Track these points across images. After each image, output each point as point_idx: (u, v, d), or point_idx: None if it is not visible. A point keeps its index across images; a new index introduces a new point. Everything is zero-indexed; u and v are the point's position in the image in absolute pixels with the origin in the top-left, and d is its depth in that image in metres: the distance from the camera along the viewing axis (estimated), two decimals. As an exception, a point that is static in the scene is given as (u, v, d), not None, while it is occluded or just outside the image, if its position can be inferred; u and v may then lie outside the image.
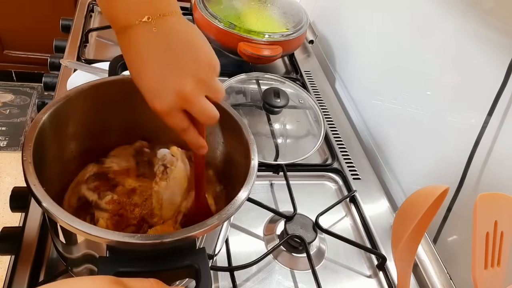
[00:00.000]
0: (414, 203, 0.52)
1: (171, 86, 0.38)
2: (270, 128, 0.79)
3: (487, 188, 0.61)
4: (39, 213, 0.56)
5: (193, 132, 0.42)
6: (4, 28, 1.79)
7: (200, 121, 0.41)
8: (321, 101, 0.93)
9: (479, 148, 0.61)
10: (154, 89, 0.38)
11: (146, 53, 0.38)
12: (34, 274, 0.50)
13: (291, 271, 0.60)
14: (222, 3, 0.94)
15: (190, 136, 0.42)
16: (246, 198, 0.42)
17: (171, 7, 0.39)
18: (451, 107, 0.69)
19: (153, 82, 0.38)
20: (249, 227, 0.64)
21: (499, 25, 0.60)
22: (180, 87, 0.38)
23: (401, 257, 0.53)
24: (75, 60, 0.85)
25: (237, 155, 0.50)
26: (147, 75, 0.38)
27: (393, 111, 0.84)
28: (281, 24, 0.92)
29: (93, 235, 0.35)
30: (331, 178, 0.76)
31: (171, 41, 0.38)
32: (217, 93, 0.41)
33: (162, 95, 0.38)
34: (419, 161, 0.77)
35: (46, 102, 0.74)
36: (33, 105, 1.93)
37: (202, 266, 0.37)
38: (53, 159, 0.47)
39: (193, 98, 0.39)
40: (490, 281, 0.48)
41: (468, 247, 0.48)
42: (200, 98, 0.39)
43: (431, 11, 0.73)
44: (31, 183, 0.37)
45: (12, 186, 0.59)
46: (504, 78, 0.57)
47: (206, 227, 0.38)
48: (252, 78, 0.86)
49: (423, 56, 0.76)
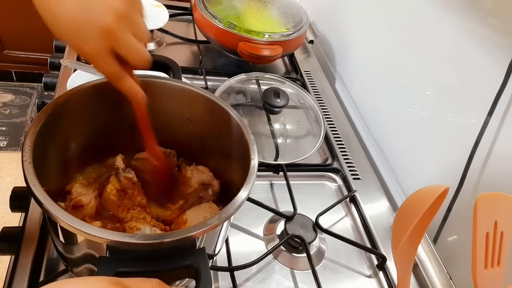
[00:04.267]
0: (414, 203, 0.52)
1: (92, 22, 0.36)
2: (270, 128, 0.79)
3: (487, 188, 0.61)
4: (39, 213, 0.56)
5: (128, 78, 0.41)
6: (4, 28, 1.79)
7: (130, 61, 0.39)
8: (321, 101, 0.93)
9: (479, 148, 0.61)
10: (76, 29, 0.37)
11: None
12: (34, 274, 0.50)
13: (291, 271, 0.60)
14: (222, 3, 0.94)
15: (127, 82, 0.41)
16: (246, 198, 0.42)
17: None
18: (451, 107, 0.69)
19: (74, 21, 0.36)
20: (249, 227, 0.64)
21: (499, 25, 0.60)
22: (103, 22, 0.36)
23: (401, 257, 0.53)
24: (75, 60, 0.85)
25: (237, 155, 0.50)
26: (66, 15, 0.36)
27: (393, 111, 0.84)
28: (281, 24, 0.92)
29: (93, 235, 0.35)
30: (331, 178, 0.76)
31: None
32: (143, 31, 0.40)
33: (87, 35, 0.37)
34: (419, 161, 0.77)
35: (46, 102, 0.74)
36: (33, 105, 1.93)
37: (202, 266, 0.37)
38: (53, 159, 0.47)
39: (119, 33, 0.37)
40: (490, 281, 0.48)
41: (468, 247, 0.48)
42: (126, 33, 0.38)
43: (431, 11, 0.73)
44: (31, 183, 0.37)
45: (12, 186, 0.59)
46: (504, 78, 0.57)
47: (206, 227, 0.38)
48: (252, 78, 0.86)
49: (423, 56, 0.76)
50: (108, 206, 0.49)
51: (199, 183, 0.53)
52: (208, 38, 0.92)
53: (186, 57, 0.96)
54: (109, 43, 0.38)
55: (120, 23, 0.37)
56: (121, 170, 0.51)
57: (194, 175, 0.54)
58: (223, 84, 0.80)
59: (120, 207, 0.49)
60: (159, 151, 0.52)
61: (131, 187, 0.50)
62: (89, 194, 0.49)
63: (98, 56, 0.38)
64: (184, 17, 1.07)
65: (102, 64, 0.39)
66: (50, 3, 0.37)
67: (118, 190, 0.50)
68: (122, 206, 0.49)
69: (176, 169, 0.57)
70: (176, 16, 1.06)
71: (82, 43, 0.37)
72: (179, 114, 0.56)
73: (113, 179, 0.51)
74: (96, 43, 0.37)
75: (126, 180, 0.51)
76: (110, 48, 0.38)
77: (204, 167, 0.56)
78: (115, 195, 0.49)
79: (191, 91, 0.53)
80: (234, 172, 0.52)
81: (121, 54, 0.39)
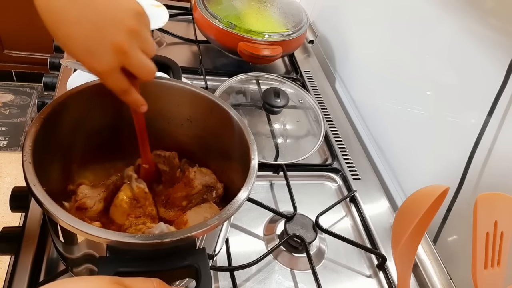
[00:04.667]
0: (414, 203, 0.52)
1: (106, 40, 0.37)
2: (270, 128, 0.79)
3: (487, 188, 0.61)
4: (39, 213, 0.56)
5: (134, 91, 0.42)
6: (4, 28, 1.79)
7: (138, 76, 0.40)
8: (321, 101, 0.93)
9: (479, 148, 0.61)
10: (89, 47, 0.37)
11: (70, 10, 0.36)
12: (34, 274, 0.50)
13: (291, 271, 0.60)
14: (222, 3, 0.94)
15: (132, 96, 0.42)
16: (246, 198, 0.42)
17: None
18: (451, 107, 0.69)
19: (85, 39, 0.37)
20: (249, 227, 0.64)
21: (499, 25, 0.60)
22: (115, 40, 0.37)
23: (401, 257, 0.53)
24: (75, 60, 0.85)
25: (237, 155, 0.50)
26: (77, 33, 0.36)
27: (393, 111, 0.84)
28: (281, 24, 0.92)
29: (93, 235, 0.35)
30: (331, 178, 0.76)
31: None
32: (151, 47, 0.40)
33: (99, 52, 0.37)
34: (419, 161, 0.77)
35: (46, 102, 0.74)
36: (33, 105, 1.93)
37: (202, 266, 0.37)
38: (53, 159, 0.47)
39: (130, 50, 0.38)
40: (490, 281, 0.48)
41: (468, 247, 0.48)
42: (137, 50, 0.39)
43: (431, 11, 0.73)
44: (31, 183, 0.37)
45: (12, 186, 0.59)
46: (504, 78, 0.57)
47: (206, 227, 0.38)
48: (252, 78, 0.86)
49: (423, 56, 0.76)
50: (117, 214, 0.49)
51: (203, 185, 0.53)
52: (208, 38, 0.92)
53: (186, 57, 0.96)
54: (120, 61, 0.38)
55: (131, 41, 0.38)
56: (134, 179, 0.51)
57: (197, 177, 0.53)
58: (223, 84, 0.80)
59: (130, 215, 0.49)
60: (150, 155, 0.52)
61: (144, 197, 0.50)
62: (94, 198, 0.49)
63: (109, 73, 0.39)
64: (184, 17, 1.07)
65: (112, 80, 0.39)
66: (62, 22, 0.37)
67: (130, 199, 0.49)
68: (132, 215, 0.49)
69: (179, 171, 0.56)
70: (176, 16, 1.06)
71: (94, 61, 0.38)
72: (179, 114, 0.56)
73: (126, 187, 0.50)
74: (108, 61, 0.38)
75: (139, 189, 0.50)
76: (120, 65, 0.39)
77: (207, 169, 0.55)
78: (127, 203, 0.49)
79: (191, 91, 0.53)
80: (234, 172, 0.52)
81: (131, 70, 0.40)
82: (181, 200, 0.53)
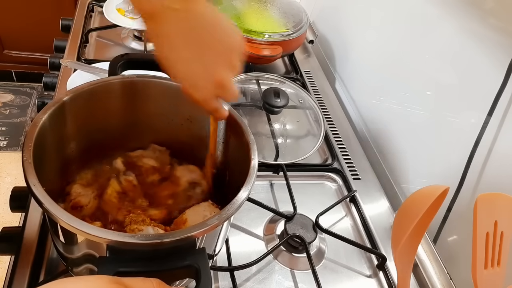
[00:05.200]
0: (414, 203, 0.52)
1: (209, 75, 0.39)
2: (270, 128, 0.79)
3: (487, 188, 0.61)
4: (39, 213, 0.56)
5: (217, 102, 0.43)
6: (4, 28, 1.79)
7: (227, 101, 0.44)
8: (321, 101, 0.93)
9: (479, 148, 0.61)
10: (191, 78, 0.39)
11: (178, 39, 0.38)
12: (34, 274, 0.50)
13: (291, 271, 0.60)
14: (222, 3, 0.94)
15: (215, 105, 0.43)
16: (246, 198, 0.42)
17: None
18: (451, 107, 0.69)
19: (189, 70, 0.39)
20: (249, 227, 0.64)
21: (499, 25, 0.60)
22: (219, 77, 0.39)
23: (401, 257, 0.53)
24: (75, 60, 0.85)
25: (237, 155, 0.50)
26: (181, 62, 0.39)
27: (393, 111, 0.84)
28: (281, 24, 0.92)
29: (93, 235, 0.35)
30: (331, 178, 0.76)
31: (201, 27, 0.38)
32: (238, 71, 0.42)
33: (200, 85, 0.39)
34: (419, 161, 0.77)
35: (46, 102, 0.74)
36: (33, 105, 1.93)
37: (202, 266, 0.37)
38: (53, 159, 0.47)
39: (230, 86, 0.40)
40: (490, 281, 0.48)
41: (468, 247, 0.48)
42: (233, 83, 0.41)
43: (431, 11, 0.73)
44: (31, 183, 0.37)
45: (12, 186, 0.59)
46: (504, 78, 0.57)
47: (206, 227, 0.38)
48: (252, 78, 0.86)
49: (423, 56, 0.76)
50: (108, 209, 0.49)
51: (188, 182, 0.53)
52: (208, 38, 0.92)
53: (186, 57, 0.96)
54: (217, 93, 0.41)
55: (229, 73, 0.40)
56: (121, 173, 0.51)
57: (183, 174, 0.54)
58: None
59: (121, 209, 0.49)
60: (210, 168, 0.54)
61: (132, 190, 0.50)
62: (88, 195, 0.49)
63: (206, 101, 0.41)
64: (184, 17, 1.07)
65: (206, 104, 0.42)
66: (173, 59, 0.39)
67: (118, 193, 0.50)
68: (122, 209, 0.49)
69: (169, 167, 0.57)
70: (176, 16, 1.06)
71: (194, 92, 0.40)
72: (179, 114, 0.56)
73: (114, 182, 0.50)
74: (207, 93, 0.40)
75: (127, 182, 0.50)
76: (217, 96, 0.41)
77: (194, 166, 0.55)
78: (115, 197, 0.49)
79: (191, 91, 0.53)
80: (234, 172, 0.52)
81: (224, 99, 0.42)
82: (167, 198, 0.53)
